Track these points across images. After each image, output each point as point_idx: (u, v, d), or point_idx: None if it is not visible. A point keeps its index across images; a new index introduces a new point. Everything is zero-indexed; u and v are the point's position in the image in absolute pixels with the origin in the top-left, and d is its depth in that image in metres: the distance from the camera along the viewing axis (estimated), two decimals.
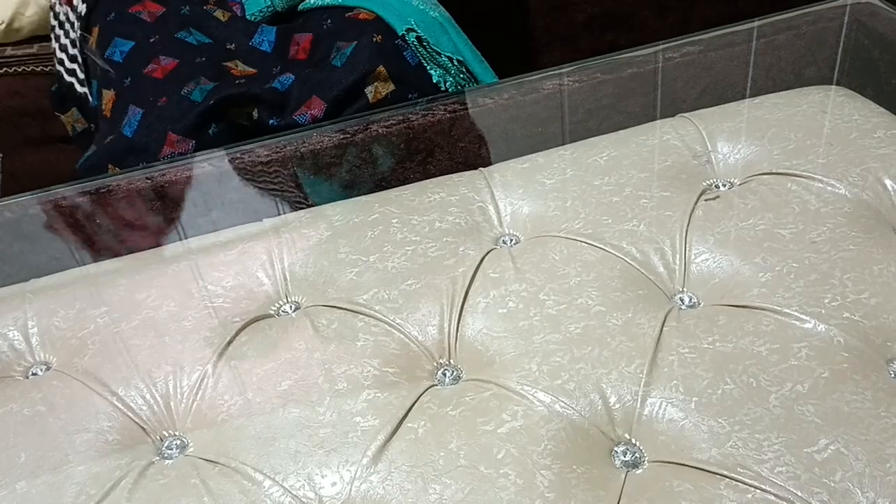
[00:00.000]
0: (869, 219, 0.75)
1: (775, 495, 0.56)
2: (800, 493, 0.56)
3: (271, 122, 1.01)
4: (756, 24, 0.99)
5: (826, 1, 0.98)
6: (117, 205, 0.91)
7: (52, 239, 0.90)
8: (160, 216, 0.90)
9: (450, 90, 1.02)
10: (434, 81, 1.01)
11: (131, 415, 0.68)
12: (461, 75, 1.03)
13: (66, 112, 1.22)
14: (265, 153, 0.95)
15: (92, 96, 1.15)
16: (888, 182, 0.78)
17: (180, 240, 0.86)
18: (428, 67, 1.03)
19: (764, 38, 0.98)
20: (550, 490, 0.58)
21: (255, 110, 1.01)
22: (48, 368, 0.72)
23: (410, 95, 1.01)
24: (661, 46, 0.97)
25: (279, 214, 0.86)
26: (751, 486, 0.57)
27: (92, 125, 1.19)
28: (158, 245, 0.85)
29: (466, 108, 0.95)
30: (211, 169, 0.95)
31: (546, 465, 0.60)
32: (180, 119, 0.98)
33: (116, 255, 0.85)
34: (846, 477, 0.56)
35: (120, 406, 0.68)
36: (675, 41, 0.97)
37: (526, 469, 0.60)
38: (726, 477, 0.58)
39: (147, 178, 0.93)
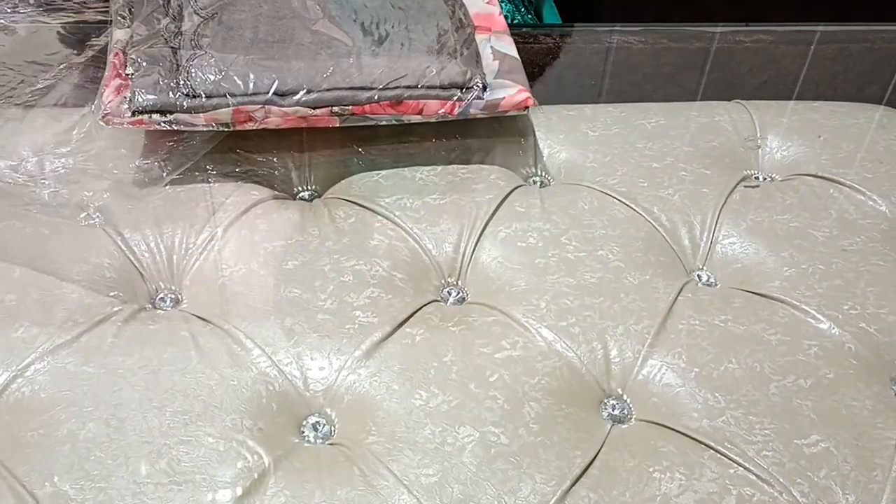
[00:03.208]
0: None
1: (757, 476, 0.56)
2: (781, 480, 0.55)
3: None
4: (831, 28, 0.97)
5: None
6: None
7: None
8: None
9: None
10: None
11: (132, 258, 0.67)
12: (529, 15, 1.01)
13: None
14: None
15: None
16: None
17: None
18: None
19: (836, 44, 0.96)
20: (536, 422, 0.58)
21: None
22: (58, 188, 0.71)
23: None
24: (733, 28, 0.95)
25: None
26: (734, 461, 0.56)
27: None
28: None
29: (526, 45, 0.93)
30: None
31: (536, 397, 0.59)
32: None
33: None
34: (830, 475, 0.56)
35: (123, 247, 0.67)
36: (748, 26, 0.95)
37: (515, 396, 0.59)
38: (712, 448, 0.57)
39: None
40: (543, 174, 0.80)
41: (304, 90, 0.71)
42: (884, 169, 0.80)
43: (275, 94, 0.70)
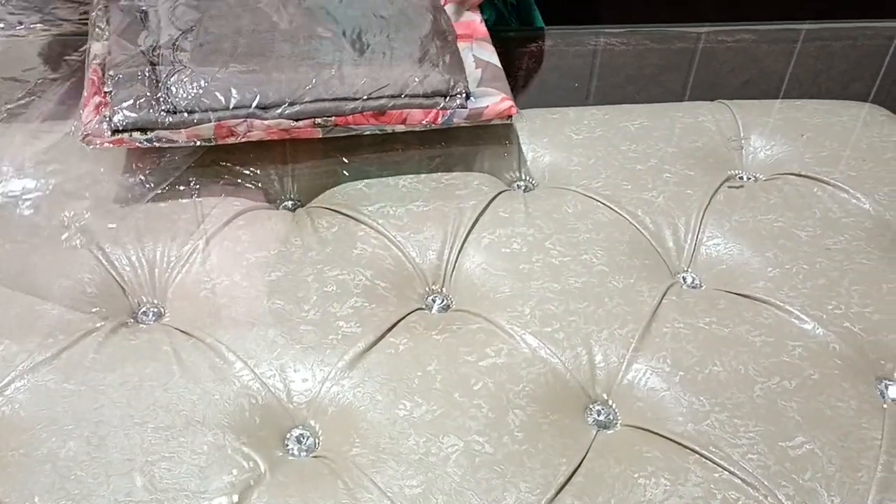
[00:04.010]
0: (887, 239, 0.74)
1: (742, 479, 0.55)
2: (766, 483, 0.55)
3: None
4: (815, 26, 0.97)
5: (888, 19, 0.96)
6: None
7: None
8: None
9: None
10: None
11: (113, 273, 0.67)
12: (511, 18, 1.01)
13: None
14: None
15: None
16: None
17: None
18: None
19: (819, 42, 0.96)
20: (520, 430, 0.58)
21: None
22: (39, 207, 0.70)
23: None
24: (715, 28, 0.95)
25: None
26: (719, 465, 0.56)
27: None
28: None
29: (509, 48, 0.93)
30: None
31: (521, 405, 0.59)
32: None
33: None
34: (816, 477, 0.56)
35: (104, 262, 0.67)
36: (730, 25, 0.95)
37: (500, 404, 0.59)
38: (697, 453, 0.57)
39: None
40: (527, 179, 0.80)
41: (287, 103, 0.70)
42: (867, 166, 0.80)
43: (257, 107, 0.70)
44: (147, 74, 0.70)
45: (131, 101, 0.68)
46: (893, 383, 0.63)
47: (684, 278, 0.72)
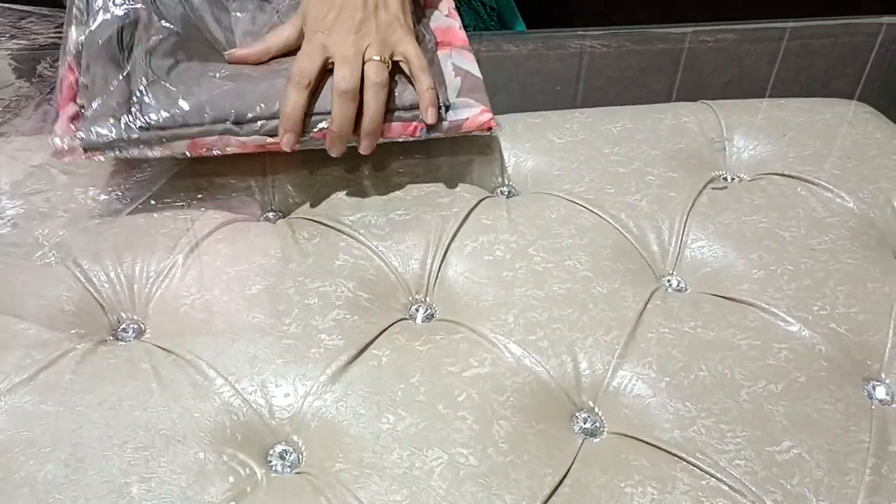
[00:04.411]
0: (872, 237, 0.74)
1: (730, 486, 0.55)
2: (754, 489, 0.55)
3: None
4: (796, 24, 0.97)
5: (869, 15, 0.96)
6: None
7: None
8: None
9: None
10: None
11: (91, 290, 0.66)
12: (492, 22, 1.00)
13: None
14: None
15: None
16: None
17: None
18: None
19: (801, 40, 0.96)
20: (505, 441, 0.57)
21: None
22: (16, 226, 0.69)
23: None
24: (696, 28, 0.94)
25: None
26: (707, 472, 0.56)
27: None
28: None
29: (489, 52, 0.92)
30: None
31: (506, 415, 0.58)
32: None
33: None
34: (804, 482, 0.55)
35: (82, 279, 0.66)
36: (712, 25, 0.94)
37: (485, 415, 0.58)
38: (684, 460, 0.56)
39: None
40: (510, 184, 0.80)
41: (263, 119, 0.69)
42: (851, 165, 0.80)
43: (233, 123, 0.69)
44: (120, 83, 0.68)
45: (104, 118, 0.67)
46: (880, 384, 0.63)
47: (669, 282, 0.71)
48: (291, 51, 0.75)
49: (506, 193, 0.79)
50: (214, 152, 0.70)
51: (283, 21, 0.77)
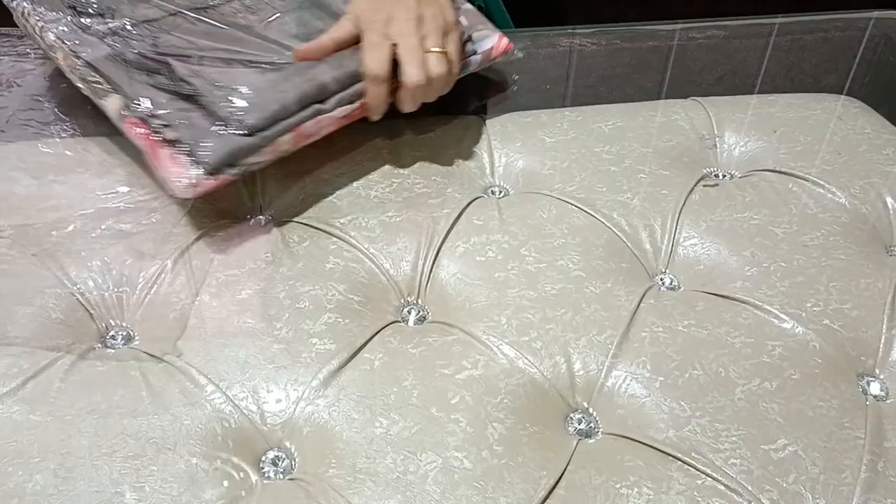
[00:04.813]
0: (864, 232, 0.73)
1: (725, 486, 0.55)
2: (750, 488, 0.55)
3: None
4: (786, 20, 0.96)
5: (858, 10, 0.95)
6: None
7: None
8: None
9: None
10: None
11: (79, 297, 0.65)
12: None
13: None
14: None
15: None
16: (889, 200, 0.76)
17: None
18: None
19: (790, 36, 0.95)
20: (500, 443, 0.57)
21: None
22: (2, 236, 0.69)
23: None
24: (686, 25, 0.94)
25: None
26: (702, 472, 0.55)
27: None
28: None
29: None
30: None
31: (499, 418, 0.58)
32: None
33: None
34: (799, 480, 0.55)
35: (69, 286, 0.65)
36: (701, 22, 0.94)
37: (478, 418, 0.58)
38: (679, 460, 0.56)
39: None
40: (501, 184, 0.79)
41: (334, 89, 0.71)
42: (842, 160, 0.80)
43: (317, 102, 0.70)
44: (198, 108, 0.68)
45: (206, 139, 0.66)
46: (875, 380, 0.63)
47: (662, 280, 0.71)
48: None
49: (497, 193, 0.78)
50: (314, 139, 0.72)
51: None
